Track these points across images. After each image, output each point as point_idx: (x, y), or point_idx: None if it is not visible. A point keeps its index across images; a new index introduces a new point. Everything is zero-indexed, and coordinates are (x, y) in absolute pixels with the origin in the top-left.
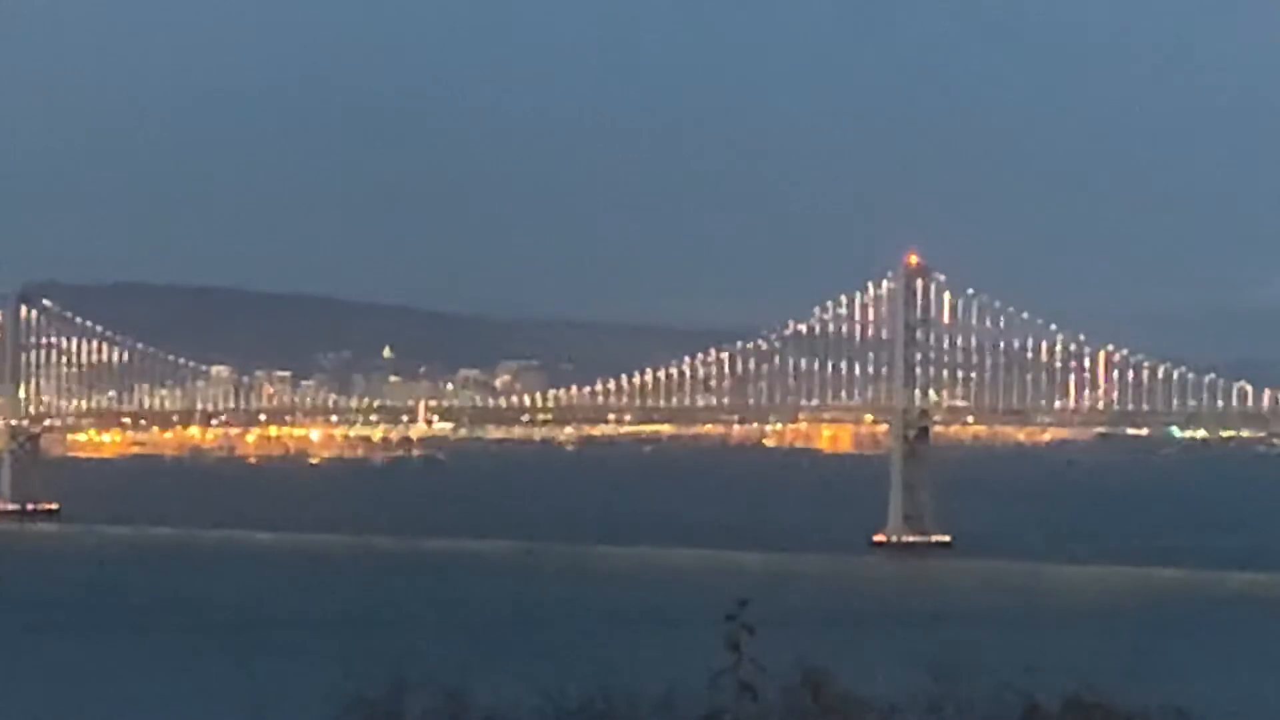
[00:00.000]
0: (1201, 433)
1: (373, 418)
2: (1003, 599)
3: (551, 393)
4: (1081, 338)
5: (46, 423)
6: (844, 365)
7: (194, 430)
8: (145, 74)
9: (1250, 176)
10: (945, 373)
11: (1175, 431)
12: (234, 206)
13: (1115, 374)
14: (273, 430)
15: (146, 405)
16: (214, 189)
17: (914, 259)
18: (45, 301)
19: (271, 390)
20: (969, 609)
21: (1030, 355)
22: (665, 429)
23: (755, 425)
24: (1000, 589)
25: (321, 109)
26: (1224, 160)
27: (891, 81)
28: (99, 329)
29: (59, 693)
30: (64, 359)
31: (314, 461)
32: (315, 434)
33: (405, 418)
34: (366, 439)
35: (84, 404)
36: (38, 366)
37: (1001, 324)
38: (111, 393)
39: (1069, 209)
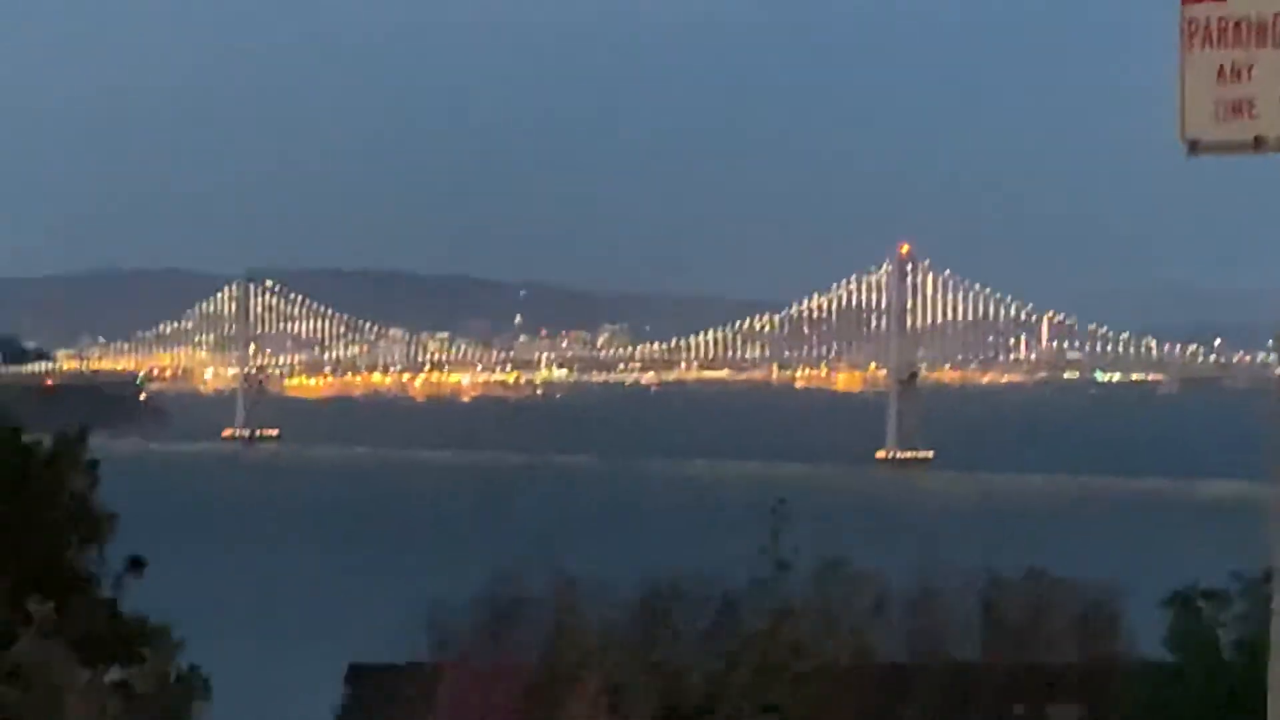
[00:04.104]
0: (1117, 376)
1: (508, 366)
2: (973, 498)
3: (638, 347)
4: (1030, 306)
5: (269, 371)
6: (853, 327)
7: (377, 376)
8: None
9: (1150, 190)
10: (929, 332)
11: (1099, 375)
12: (406, 208)
13: (1055, 333)
14: (434, 376)
15: (342, 358)
16: (390, 195)
17: (906, 247)
18: (268, 282)
19: (433, 347)
20: (948, 506)
21: (991, 320)
22: (722, 374)
23: (789, 371)
24: (971, 491)
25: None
26: (1128, 181)
27: (894, 106)
28: (307, 301)
29: (277, 565)
30: (281, 325)
31: (465, 399)
32: (465, 379)
33: (531, 367)
34: (503, 382)
35: (296, 357)
36: (263, 330)
37: (971, 297)
38: (316, 349)
39: (1021, 214)
